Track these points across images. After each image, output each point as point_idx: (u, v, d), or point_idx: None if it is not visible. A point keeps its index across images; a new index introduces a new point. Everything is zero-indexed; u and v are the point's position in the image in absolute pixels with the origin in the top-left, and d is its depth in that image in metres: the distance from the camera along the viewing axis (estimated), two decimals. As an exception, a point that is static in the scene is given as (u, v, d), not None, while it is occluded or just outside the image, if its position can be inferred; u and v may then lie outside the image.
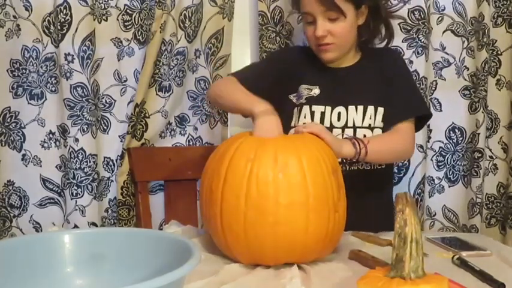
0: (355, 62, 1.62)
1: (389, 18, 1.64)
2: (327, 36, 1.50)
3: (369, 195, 1.54)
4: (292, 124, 1.56)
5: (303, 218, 1.11)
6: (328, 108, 1.54)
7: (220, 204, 1.14)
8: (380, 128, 1.53)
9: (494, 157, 1.93)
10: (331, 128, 1.52)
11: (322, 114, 1.53)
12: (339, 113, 1.53)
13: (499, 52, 1.90)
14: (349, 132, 1.52)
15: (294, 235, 1.11)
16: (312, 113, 1.54)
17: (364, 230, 1.42)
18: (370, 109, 1.53)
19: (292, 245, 1.12)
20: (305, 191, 1.11)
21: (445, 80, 1.89)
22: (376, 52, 1.66)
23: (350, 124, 1.53)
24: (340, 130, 1.53)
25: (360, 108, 1.53)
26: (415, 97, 1.63)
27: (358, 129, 1.52)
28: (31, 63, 1.73)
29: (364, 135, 1.51)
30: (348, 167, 1.51)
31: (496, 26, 1.89)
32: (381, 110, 1.53)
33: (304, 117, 1.54)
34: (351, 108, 1.53)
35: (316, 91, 1.56)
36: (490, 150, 1.93)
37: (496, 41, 1.89)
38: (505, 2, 1.87)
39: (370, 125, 1.53)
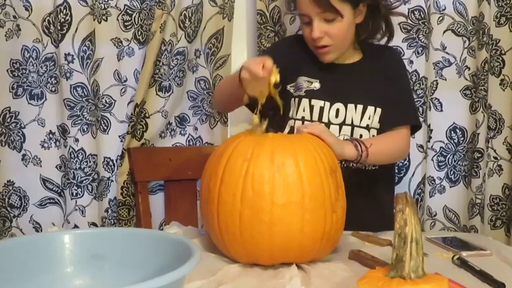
0: (357, 60, 1.60)
1: (388, 15, 1.61)
2: (323, 37, 1.49)
3: (369, 194, 1.54)
4: (290, 115, 1.54)
5: (298, 218, 1.11)
6: (327, 104, 1.53)
7: (217, 203, 1.15)
8: (376, 128, 1.53)
9: (498, 158, 1.92)
10: (328, 124, 1.51)
11: (321, 109, 1.52)
12: (337, 110, 1.52)
13: (503, 52, 1.89)
14: (346, 130, 1.51)
15: (289, 235, 1.11)
16: (311, 107, 1.53)
17: (364, 229, 1.42)
18: (370, 109, 1.53)
19: (288, 244, 1.11)
20: (301, 191, 1.11)
21: (445, 80, 1.88)
22: (377, 50, 1.64)
23: (348, 122, 1.52)
24: (337, 127, 1.52)
25: (360, 107, 1.52)
26: (412, 104, 1.64)
27: (355, 128, 1.52)
28: (31, 63, 1.73)
29: (361, 135, 1.51)
30: (346, 164, 1.49)
31: (499, 26, 1.88)
32: (379, 110, 1.53)
33: (303, 110, 1.53)
34: (350, 106, 1.52)
35: (316, 85, 1.55)
36: (495, 151, 1.91)
37: (500, 40, 1.88)
38: (508, 1, 1.86)
39: (368, 125, 1.52)
